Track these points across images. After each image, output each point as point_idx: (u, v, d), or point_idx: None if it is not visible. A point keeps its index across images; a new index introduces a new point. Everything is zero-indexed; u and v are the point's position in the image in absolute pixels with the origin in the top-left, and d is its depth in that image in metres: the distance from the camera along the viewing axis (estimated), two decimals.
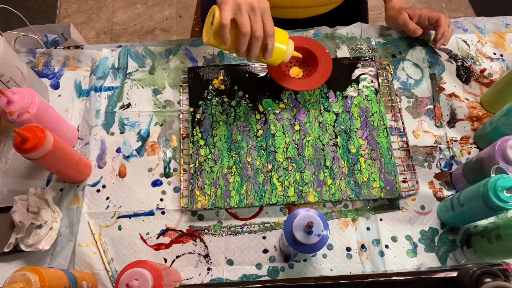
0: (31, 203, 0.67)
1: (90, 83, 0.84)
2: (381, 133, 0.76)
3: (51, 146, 0.62)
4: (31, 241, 0.66)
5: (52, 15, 1.93)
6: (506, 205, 0.56)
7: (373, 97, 0.79)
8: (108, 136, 0.79)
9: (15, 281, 0.52)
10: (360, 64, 0.82)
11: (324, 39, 0.88)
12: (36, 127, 0.61)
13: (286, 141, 0.76)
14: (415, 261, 0.69)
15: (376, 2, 1.91)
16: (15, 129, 0.58)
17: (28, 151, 0.60)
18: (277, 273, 0.68)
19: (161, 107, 0.82)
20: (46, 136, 0.61)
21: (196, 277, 0.68)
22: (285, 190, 0.72)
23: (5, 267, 0.69)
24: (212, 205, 0.71)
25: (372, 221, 0.71)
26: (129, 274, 0.54)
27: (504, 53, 0.86)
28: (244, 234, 0.71)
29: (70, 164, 0.69)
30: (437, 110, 0.80)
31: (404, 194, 0.73)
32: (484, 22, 0.90)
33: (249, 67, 0.82)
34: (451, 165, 0.76)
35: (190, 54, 0.87)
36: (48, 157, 0.62)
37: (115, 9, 1.99)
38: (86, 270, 0.69)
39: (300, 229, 0.57)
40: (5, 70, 0.68)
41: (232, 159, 0.74)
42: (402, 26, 0.83)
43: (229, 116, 0.78)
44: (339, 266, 0.68)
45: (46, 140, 0.60)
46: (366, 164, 0.74)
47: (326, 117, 0.78)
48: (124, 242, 0.71)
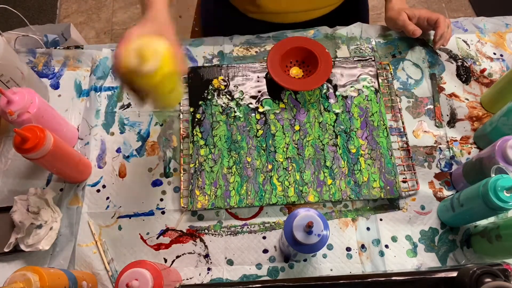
0: (31, 203, 0.67)
1: (90, 83, 0.84)
2: (381, 133, 0.76)
3: (51, 146, 0.62)
4: (31, 241, 0.66)
5: (52, 15, 1.93)
6: (506, 205, 0.56)
7: (373, 97, 0.79)
8: (108, 136, 0.79)
9: (15, 281, 0.52)
10: (360, 64, 0.82)
11: (324, 39, 0.88)
12: (36, 127, 0.61)
13: (286, 141, 0.76)
14: (415, 261, 0.69)
15: (376, 2, 1.91)
16: (15, 129, 0.58)
17: (28, 151, 0.60)
18: (277, 273, 0.68)
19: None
20: (46, 136, 0.61)
21: (196, 277, 0.68)
22: (285, 190, 0.72)
23: (5, 267, 0.69)
24: (212, 205, 0.71)
25: (372, 221, 0.71)
26: (129, 274, 0.54)
27: (504, 53, 0.86)
28: (244, 234, 0.71)
29: (70, 164, 0.69)
30: (437, 110, 0.80)
31: (404, 194, 0.73)
32: (484, 22, 0.90)
33: (249, 67, 0.82)
34: (451, 165, 0.76)
35: (190, 54, 0.87)
36: (48, 157, 0.62)
37: (115, 9, 1.99)
38: (86, 270, 0.69)
39: (300, 229, 0.57)
40: (5, 70, 0.68)
41: (232, 159, 0.74)
42: (402, 27, 0.83)
43: (229, 116, 0.78)
44: (339, 266, 0.68)
45: (46, 140, 0.60)
46: (366, 164, 0.74)
47: (326, 117, 0.78)
48: (124, 242, 0.71)
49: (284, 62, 0.79)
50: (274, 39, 0.88)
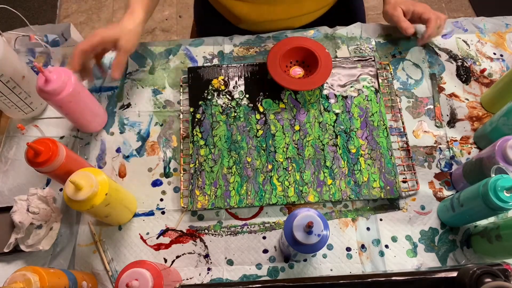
0: (31, 203, 0.67)
1: (90, 83, 0.84)
2: (381, 133, 0.76)
3: (63, 158, 0.62)
4: (31, 241, 0.66)
5: (52, 15, 1.93)
6: (506, 205, 0.56)
7: (373, 97, 0.79)
8: (108, 136, 0.79)
9: (15, 281, 0.52)
10: (360, 64, 0.82)
11: (324, 39, 0.88)
12: (48, 139, 0.62)
13: (286, 141, 0.76)
14: (415, 261, 0.69)
15: (376, 2, 1.91)
16: (28, 143, 0.59)
17: (41, 165, 0.60)
18: (277, 273, 0.68)
19: (161, 107, 0.82)
20: (58, 148, 0.61)
21: (196, 277, 0.68)
22: (285, 190, 0.72)
23: (5, 267, 0.69)
24: (212, 205, 0.71)
25: (372, 221, 0.71)
26: (129, 274, 0.54)
27: (504, 53, 0.86)
28: (244, 234, 0.71)
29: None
30: (437, 110, 0.80)
31: (404, 194, 0.73)
32: (484, 22, 0.90)
33: (249, 67, 0.82)
34: (451, 165, 0.76)
35: (190, 54, 0.87)
36: (60, 170, 0.63)
37: (115, 9, 1.99)
38: (86, 270, 0.69)
39: (300, 229, 0.57)
40: (5, 70, 0.68)
41: (232, 159, 0.74)
42: (396, 23, 0.83)
43: (229, 116, 0.78)
44: (339, 266, 0.68)
45: (59, 152, 0.61)
46: (366, 164, 0.74)
47: (326, 117, 0.78)
48: (124, 242, 0.71)
49: (284, 62, 0.79)
50: (274, 39, 0.88)
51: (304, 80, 0.78)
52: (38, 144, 0.60)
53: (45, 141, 0.61)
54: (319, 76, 0.76)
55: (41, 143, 0.60)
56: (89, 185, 0.57)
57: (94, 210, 0.59)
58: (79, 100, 0.69)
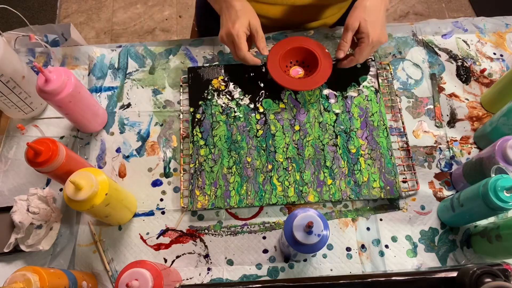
0: (31, 203, 0.67)
1: (90, 83, 0.84)
2: (381, 133, 0.76)
3: (64, 158, 0.62)
4: (31, 241, 0.66)
5: (52, 15, 1.93)
6: (506, 205, 0.56)
7: (373, 97, 0.79)
8: (108, 136, 0.79)
9: (15, 281, 0.52)
10: (360, 64, 0.82)
11: (324, 39, 0.88)
12: (48, 139, 0.62)
13: (286, 141, 0.76)
14: (415, 261, 0.69)
15: None
16: (27, 143, 0.59)
17: (41, 164, 0.60)
18: (277, 273, 0.68)
19: (161, 107, 0.82)
20: (58, 148, 0.61)
21: (196, 277, 0.68)
22: (285, 190, 0.72)
23: (5, 267, 0.69)
24: (212, 205, 0.71)
25: (372, 221, 0.71)
26: (129, 274, 0.54)
27: (504, 53, 0.86)
28: (244, 234, 0.71)
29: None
30: (437, 110, 0.80)
31: (404, 194, 0.73)
32: (484, 22, 0.90)
33: (249, 67, 0.82)
34: (451, 165, 0.76)
35: (190, 54, 0.87)
36: (60, 170, 0.63)
37: (115, 9, 1.99)
38: (86, 270, 0.69)
39: (300, 229, 0.57)
40: (5, 70, 0.68)
41: (232, 159, 0.74)
42: (342, 36, 0.74)
43: (229, 116, 0.78)
44: (339, 266, 0.68)
45: (59, 152, 0.61)
46: (366, 164, 0.74)
47: (326, 117, 0.78)
48: (124, 242, 0.71)
49: (284, 62, 0.79)
50: (274, 39, 0.88)
51: (304, 80, 0.78)
52: (38, 144, 0.60)
53: (45, 141, 0.61)
54: (319, 76, 0.76)
55: (41, 143, 0.60)
56: (89, 185, 0.57)
57: (94, 210, 0.59)
58: (79, 100, 0.69)
